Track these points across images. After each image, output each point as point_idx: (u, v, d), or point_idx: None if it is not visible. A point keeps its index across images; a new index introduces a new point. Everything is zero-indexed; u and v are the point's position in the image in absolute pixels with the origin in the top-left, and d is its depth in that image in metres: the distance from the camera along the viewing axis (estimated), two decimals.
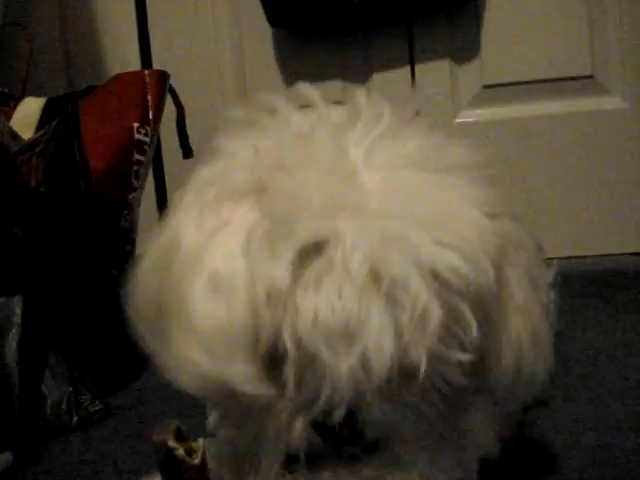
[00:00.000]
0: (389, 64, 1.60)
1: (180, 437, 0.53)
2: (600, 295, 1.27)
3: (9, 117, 1.29)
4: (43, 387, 0.90)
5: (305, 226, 0.47)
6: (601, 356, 1.00)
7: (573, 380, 0.92)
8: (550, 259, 1.44)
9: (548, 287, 0.92)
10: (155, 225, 1.55)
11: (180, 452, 0.52)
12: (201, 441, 0.54)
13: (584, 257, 1.55)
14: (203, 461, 0.53)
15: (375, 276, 0.47)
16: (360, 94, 0.56)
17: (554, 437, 0.76)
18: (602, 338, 1.06)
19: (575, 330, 1.08)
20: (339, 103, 0.63)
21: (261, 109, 0.55)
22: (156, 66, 1.64)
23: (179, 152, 1.37)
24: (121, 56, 1.66)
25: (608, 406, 0.83)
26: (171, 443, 0.52)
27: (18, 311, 0.89)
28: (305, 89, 0.57)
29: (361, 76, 1.61)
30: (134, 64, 1.65)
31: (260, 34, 1.63)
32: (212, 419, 0.65)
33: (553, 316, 0.94)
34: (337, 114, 0.55)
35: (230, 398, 0.50)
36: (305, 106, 0.58)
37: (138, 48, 1.66)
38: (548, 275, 0.94)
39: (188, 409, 0.87)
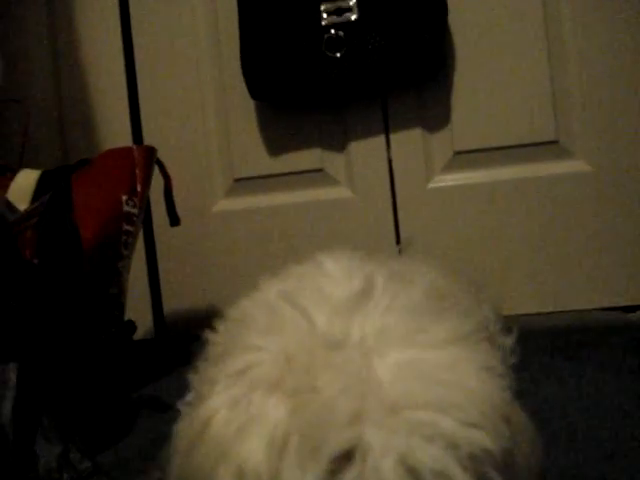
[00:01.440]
0: (365, 134, 1.68)
1: None
2: (563, 350, 1.31)
3: (6, 188, 1.35)
4: (36, 447, 0.95)
5: (333, 437, 0.47)
6: (554, 408, 1.04)
7: None
8: (518, 316, 1.52)
9: (509, 350, 0.99)
10: (145, 291, 1.61)
11: None
12: None
13: (550, 313, 1.62)
14: None
15: (412, 472, 0.47)
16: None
17: None
18: (562, 393, 1.10)
19: (537, 386, 1.14)
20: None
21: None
22: (146, 138, 1.73)
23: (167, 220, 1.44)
24: (113, 130, 1.75)
25: (558, 457, 0.87)
26: None
27: (13, 377, 0.94)
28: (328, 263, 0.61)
29: (339, 145, 1.69)
30: (125, 137, 1.74)
31: (244, 107, 1.72)
32: None
33: (512, 377, 1.01)
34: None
35: None
36: None
37: (129, 123, 1.75)
38: (508, 340, 1.01)
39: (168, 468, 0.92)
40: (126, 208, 1.30)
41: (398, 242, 1.69)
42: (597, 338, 1.38)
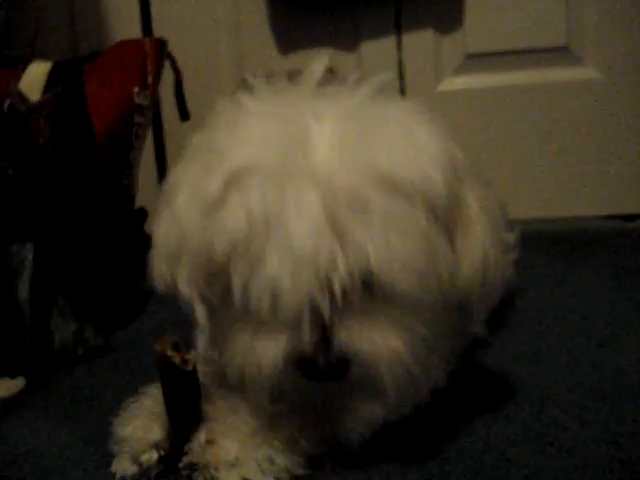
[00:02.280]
0: (376, 34, 1.67)
1: (176, 348, 0.63)
2: (565, 254, 1.35)
3: (18, 79, 1.36)
4: (52, 324, 0.99)
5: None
6: (549, 303, 1.08)
7: (523, 320, 1.01)
8: (521, 220, 1.54)
9: (510, 247, 1.02)
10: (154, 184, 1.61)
11: (176, 360, 0.62)
12: (193, 353, 0.64)
13: (552, 219, 1.64)
14: (194, 368, 0.63)
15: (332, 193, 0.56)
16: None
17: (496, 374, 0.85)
18: (559, 291, 1.14)
19: (536, 284, 1.17)
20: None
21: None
22: (156, 32, 1.72)
23: (177, 114, 1.45)
24: (123, 23, 1.73)
25: (548, 345, 0.91)
26: (169, 352, 0.62)
27: (30, 256, 0.97)
28: None
29: (350, 45, 1.68)
30: (135, 30, 1.72)
31: (256, 5, 1.70)
32: (201, 344, 0.76)
33: (514, 273, 1.05)
34: None
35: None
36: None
37: (139, 15, 1.74)
38: (511, 236, 1.04)
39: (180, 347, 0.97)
40: (137, 100, 1.30)
41: None
42: (596, 242, 1.41)
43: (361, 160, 0.59)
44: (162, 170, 1.81)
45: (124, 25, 1.73)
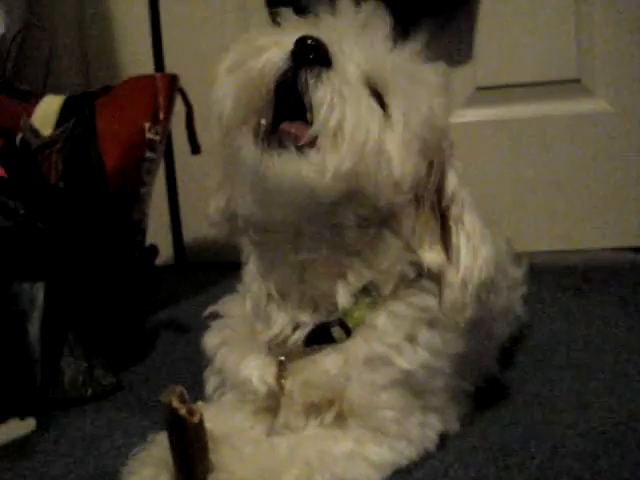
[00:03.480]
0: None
1: (183, 399, 0.63)
2: (575, 288, 1.34)
3: (30, 113, 1.36)
4: (62, 363, 0.98)
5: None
6: (560, 342, 1.07)
7: (535, 360, 1.01)
8: (532, 252, 1.55)
9: (519, 283, 1.03)
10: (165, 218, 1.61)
11: (183, 412, 0.62)
12: (200, 403, 0.64)
13: (562, 251, 1.64)
14: (201, 420, 0.63)
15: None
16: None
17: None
18: (570, 328, 1.14)
19: (546, 319, 1.17)
20: None
21: None
22: (168, 66, 1.73)
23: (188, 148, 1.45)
24: (135, 57, 1.75)
25: (561, 387, 0.90)
26: (175, 404, 0.62)
27: (41, 296, 0.97)
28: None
29: None
30: (147, 65, 1.74)
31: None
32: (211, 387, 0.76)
33: (523, 308, 1.05)
34: None
35: None
36: None
37: (151, 50, 1.75)
38: (519, 272, 1.04)
39: (189, 386, 0.96)
40: (148, 135, 1.31)
41: None
42: (606, 276, 1.41)
43: None
44: (174, 203, 1.82)
45: (136, 59, 1.75)
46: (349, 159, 0.65)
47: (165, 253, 1.82)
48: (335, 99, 0.64)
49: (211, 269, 1.67)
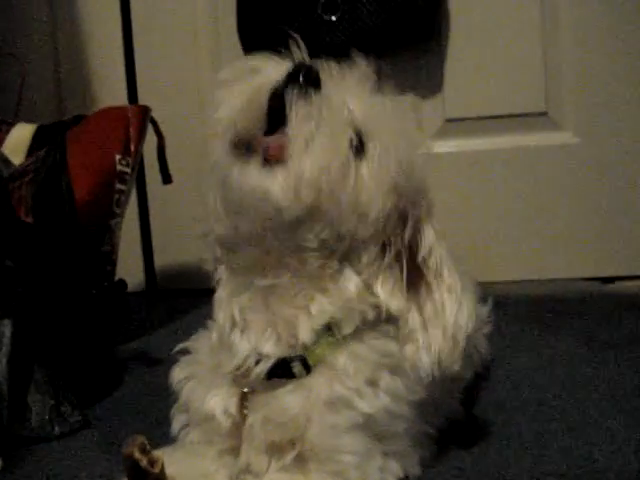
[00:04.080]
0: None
1: (144, 450, 0.64)
2: (541, 321, 1.36)
3: (1, 142, 1.37)
4: (29, 400, 0.99)
5: None
6: (524, 379, 1.09)
7: (498, 398, 1.02)
8: (499, 282, 1.57)
9: (483, 322, 1.05)
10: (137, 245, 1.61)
11: (144, 463, 0.63)
12: (161, 453, 0.65)
13: (531, 281, 1.66)
14: (162, 470, 0.64)
15: None
16: None
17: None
18: (534, 362, 1.15)
19: (511, 354, 1.18)
20: None
21: None
22: (141, 95, 1.74)
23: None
24: (109, 85, 1.76)
25: (521, 428, 0.92)
26: (137, 455, 0.63)
27: (8, 333, 0.98)
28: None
29: None
30: (121, 94, 1.75)
31: None
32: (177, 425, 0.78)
33: (487, 346, 1.06)
34: None
35: None
36: None
37: (125, 79, 1.76)
38: (484, 310, 1.06)
39: (155, 421, 0.97)
40: (119, 167, 1.31)
41: None
42: (574, 308, 1.43)
43: None
44: (145, 229, 1.82)
45: (110, 88, 1.76)
46: (313, 174, 0.67)
47: (136, 279, 1.83)
48: (312, 115, 0.67)
49: (182, 296, 1.68)
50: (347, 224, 0.71)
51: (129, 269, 1.75)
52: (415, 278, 0.77)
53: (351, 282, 0.74)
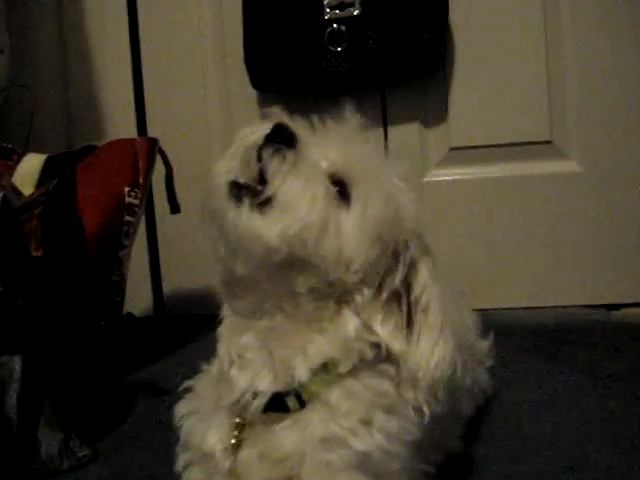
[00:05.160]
0: (363, 126, 1.72)
1: None
2: (545, 351, 1.37)
3: (12, 172, 1.39)
4: (38, 434, 1.01)
5: None
6: (525, 413, 1.10)
7: (499, 434, 1.03)
8: (504, 309, 1.57)
9: (485, 355, 1.06)
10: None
11: None
12: None
13: (536, 308, 1.68)
14: None
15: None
16: None
17: None
18: (536, 396, 1.16)
19: (514, 387, 1.19)
20: None
21: None
22: (150, 126, 1.77)
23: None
24: (118, 116, 1.79)
25: (522, 465, 0.93)
26: None
27: (18, 368, 1.00)
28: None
29: None
30: (130, 124, 1.77)
31: (246, 97, 1.75)
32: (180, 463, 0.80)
33: (489, 380, 1.07)
34: None
35: None
36: None
37: (134, 109, 1.79)
38: (485, 344, 1.07)
39: (162, 455, 0.98)
40: (128, 199, 1.33)
41: None
42: (578, 338, 1.43)
43: None
44: (154, 254, 1.84)
45: (119, 117, 1.78)
46: (294, 227, 0.69)
47: (145, 304, 1.85)
48: (285, 171, 0.70)
49: (190, 321, 1.70)
50: (333, 273, 0.73)
51: (138, 295, 1.78)
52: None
53: (350, 323, 0.75)
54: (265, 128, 0.74)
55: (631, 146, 1.64)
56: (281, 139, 0.72)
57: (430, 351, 0.75)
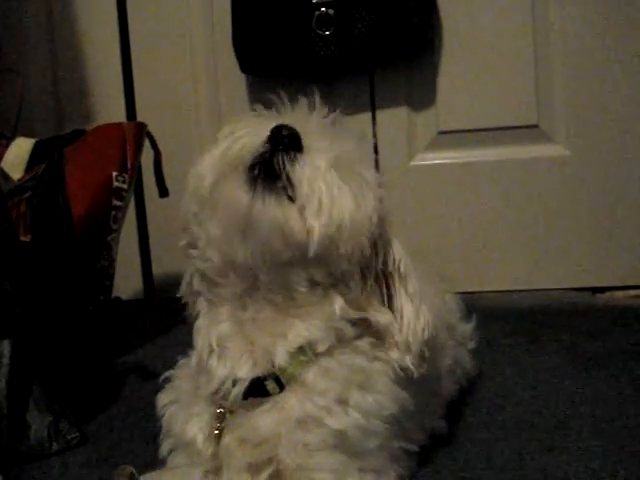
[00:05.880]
0: (352, 109, 1.73)
1: (132, 478, 0.67)
2: (528, 334, 1.38)
3: (1, 156, 1.40)
4: (27, 417, 1.02)
5: None
6: (508, 395, 1.11)
7: (480, 415, 1.05)
8: (490, 292, 1.59)
9: (468, 338, 1.08)
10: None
11: None
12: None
13: (521, 291, 1.70)
14: None
15: None
16: None
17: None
18: (519, 378, 1.18)
19: (497, 370, 1.21)
20: None
21: None
22: (139, 110, 1.77)
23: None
24: (107, 100, 1.79)
25: (502, 447, 0.94)
26: None
27: (7, 353, 1.01)
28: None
29: None
30: (119, 108, 1.78)
31: (235, 81, 1.76)
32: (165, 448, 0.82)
33: (472, 362, 1.09)
34: None
35: None
36: None
37: (123, 94, 1.79)
38: (468, 327, 1.09)
39: (150, 438, 1.00)
40: (116, 184, 1.33)
41: None
42: (562, 321, 1.45)
43: None
44: (144, 237, 1.85)
45: (108, 102, 1.79)
46: (330, 227, 0.73)
47: (135, 287, 1.86)
48: (311, 178, 0.73)
49: (180, 304, 1.70)
50: (344, 266, 0.77)
51: (128, 277, 1.79)
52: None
53: (336, 303, 0.78)
54: (259, 131, 0.75)
55: (618, 130, 1.65)
56: (289, 142, 0.74)
57: (416, 316, 0.79)
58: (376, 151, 1.73)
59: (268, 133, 0.74)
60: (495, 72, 1.68)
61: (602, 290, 1.68)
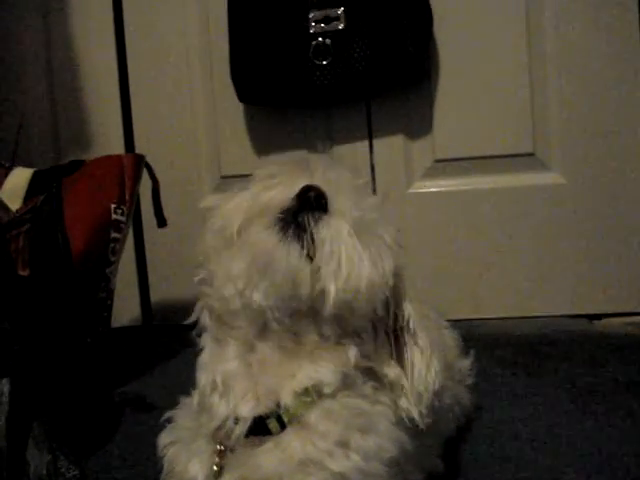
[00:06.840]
0: (349, 138, 1.74)
1: None
2: (524, 364, 1.39)
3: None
4: (27, 456, 1.02)
5: None
6: (505, 431, 1.11)
7: (479, 453, 1.05)
8: (488, 320, 1.59)
9: (466, 374, 1.08)
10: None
11: None
12: None
13: (520, 318, 1.70)
14: None
15: None
16: None
17: None
18: (517, 412, 1.18)
19: (495, 403, 1.21)
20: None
21: None
22: (137, 140, 1.78)
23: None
24: (105, 131, 1.80)
25: None
26: None
27: (6, 391, 1.00)
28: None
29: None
30: (117, 138, 1.78)
31: (233, 110, 1.77)
32: None
33: (470, 398, 1.09)
34: None
35: None
36: None
37: (122, 124, 1.80)
38: (466, 362, 1.09)
39: (149, 474, 1.00)
40: (114, 216, 1.34)
41: None
42: (559, 351, 1.45)
43: None
44: (142, 265, 1.85)
45: (107, 132, 1.79)
46: (347, 292, 0.75)
47: (133, 314, 1.86)
48: (333, 240, 0.75)
49: (177, 331, 1.70)
50: (359, 322, 0.79)
51: (126, 304, 1.79)
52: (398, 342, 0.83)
53: (351, 352, 0.79)
54: (288, 186, 0.78)
55: (613, 158, 1.66)
56: (316, 203, 0.76)
57: (427, 368, 0.80)
58: (374, 179, 1.74)
59: (297, 191, 0.77)
60: (491, 101, 1.69)
61: (599, 317, 1.69)
